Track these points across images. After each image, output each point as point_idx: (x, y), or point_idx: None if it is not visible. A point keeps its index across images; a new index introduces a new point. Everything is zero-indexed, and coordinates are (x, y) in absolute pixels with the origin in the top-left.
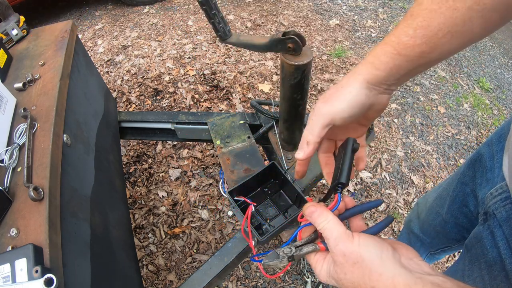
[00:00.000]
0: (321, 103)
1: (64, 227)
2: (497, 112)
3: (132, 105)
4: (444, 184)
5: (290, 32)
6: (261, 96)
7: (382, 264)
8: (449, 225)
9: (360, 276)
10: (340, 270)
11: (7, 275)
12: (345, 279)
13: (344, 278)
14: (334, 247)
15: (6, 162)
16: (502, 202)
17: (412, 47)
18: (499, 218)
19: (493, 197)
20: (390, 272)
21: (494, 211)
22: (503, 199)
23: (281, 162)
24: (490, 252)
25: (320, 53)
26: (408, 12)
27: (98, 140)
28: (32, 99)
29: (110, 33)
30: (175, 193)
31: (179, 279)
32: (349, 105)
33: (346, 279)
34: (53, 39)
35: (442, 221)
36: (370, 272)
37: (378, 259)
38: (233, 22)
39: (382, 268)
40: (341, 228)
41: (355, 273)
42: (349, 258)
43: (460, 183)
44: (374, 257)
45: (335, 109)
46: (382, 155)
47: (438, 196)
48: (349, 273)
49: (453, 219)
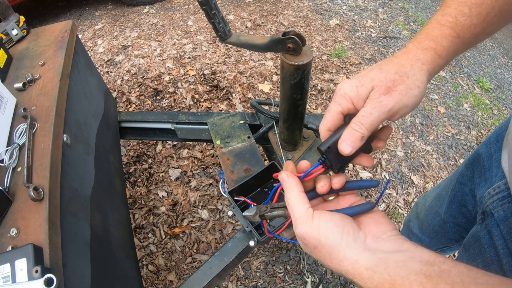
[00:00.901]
0: (384, 95)
1: (64, 227)
2: (497, 112)
3: (132, 105)
4: (443, 184)
5: (290, 32)
6: (261, 96)
7: (342, 250)
8: (447, 225)
9: (322, 259)
10: (305, 247)
11: (7, 275)
12: (312, 254)
13: (310, 254)
14: (295, 228)
15: (6, 162)
16: (499, 202)
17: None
18: (496, 217)
19: (490, 197)
20: (351, 258)
21: (492, 211)
22: (500, 198)
23: (281, 162)
24: (488, 252)
25: (320, 53)
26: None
27: (98, 140)
28: (32, 99)
29: (110, 33)
30: (175, 193)
31: (179, 279)
32: (415, 102)
33: (312, 255)
34: (53, 39)
35: (441, 221)
36: (330, 257)
37: (337, 245)
38: (233, 22)
39: (342, 254)
40: (302, 207)
41: (317, 255)
42: (309, 242)
43: (458, 183)
44: (333, 243)
45: (401, 105)
46: (382, 155)
47: (437, 196)
48: (312, 253)
49: (451, 219)
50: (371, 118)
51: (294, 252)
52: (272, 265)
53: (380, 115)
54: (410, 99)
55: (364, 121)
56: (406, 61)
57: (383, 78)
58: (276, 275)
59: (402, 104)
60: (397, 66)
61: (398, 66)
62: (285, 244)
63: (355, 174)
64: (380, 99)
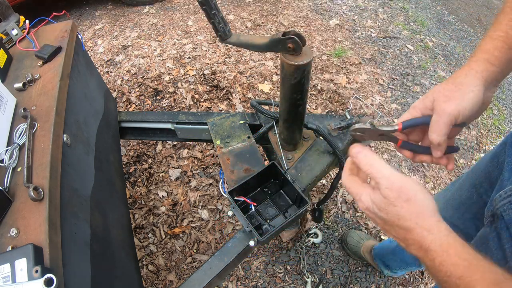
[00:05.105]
0: (444, 103)
1: (64, 227)
2: (497, 112)
3: (132, 105)
4: (453, 190)
5: (290, 32)
6: (261, 96)
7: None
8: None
9: (409, 212)
10: (389, 202)
11: (7, 275)
12: (391, 211)
13: (391, 210)
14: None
15: (6, 162)
16: (510, 204)
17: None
18: (506, 220)
19: (502, 199)
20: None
21: (502, 213)
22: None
23: (281, 162)
24: (495, 254)
25: (320, 53)
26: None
27: (98, 140)
28: (32, 99)
29: (110, 33)
30: (175, 193)
31: (179, 279)
32: (472, 104)
33: (392, 211)
34: (53, 39)
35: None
36: (420, 212)
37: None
38: (233, 22)
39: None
40: (391, 168)
41: (405, 208)
42: (404, 194)
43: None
44: (428, 202)
45: (459, 108)
46: (382, 155)
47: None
48: (399, 206)
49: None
50: (439, 124)
51: (294, 252)
52: (272, 265)
53: (445, 120)
54: (467, 102)
55: (434, 128)
56: (461, 73)
57: (442, 89)
58: (276, 275)
59: (460, 107)
60: (453, 79)
61: (454, 78)
62: (285, 244)
63: None
64: (441, 107)
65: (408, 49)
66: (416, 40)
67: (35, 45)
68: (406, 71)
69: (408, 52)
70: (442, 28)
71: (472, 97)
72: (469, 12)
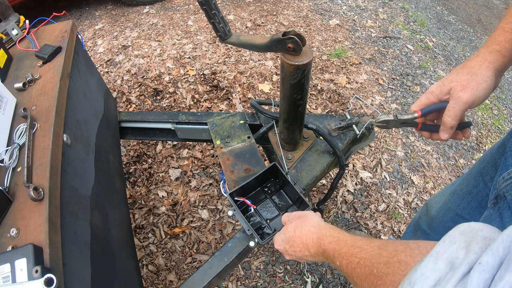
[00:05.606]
0: (460, 91)
1: (64, 227)
2: (497, 112)
3: (132, 105)
4: (458, 181)
5: (290, 32)
6: (261, 96)
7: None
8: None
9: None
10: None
11: (7, 275)
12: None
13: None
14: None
15: (6, 162)
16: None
17: None
18: (509, 200)
19: (504, 180)
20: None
21: (505, 193)
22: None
23: (281, 162)
24: None
25: (320, 53)
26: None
27: (98, 140)
28: (32, 99)
29: (110, 33)
30: (175, 193)
31: (179, 279)
32: (486, 93)
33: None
34: (53, 39)
35: (456, 215)
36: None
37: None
38: (233, 22)
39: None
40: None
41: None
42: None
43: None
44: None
45: (474, 97)
46: (382, 155)
47: (453, 192)
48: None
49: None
50: (455, 110)
51: None
52: (272, 265)
53: (461, 107)
54: (481, 91)
55: (450, 113)
56: (475, 63)
57: (458, 79)
58: (276, 275)
59: (475, 96)
60: (468, 68)
61: (469, 68)
62: None
63: (355, 174)
64: (458, 95)
65: (408, 49)
66: (416, 40)
67: (35, 45)
68: (406, 71)
69: (408, 52)
70: (442, 28)
71: (485, 87)
72: (469, 12)
